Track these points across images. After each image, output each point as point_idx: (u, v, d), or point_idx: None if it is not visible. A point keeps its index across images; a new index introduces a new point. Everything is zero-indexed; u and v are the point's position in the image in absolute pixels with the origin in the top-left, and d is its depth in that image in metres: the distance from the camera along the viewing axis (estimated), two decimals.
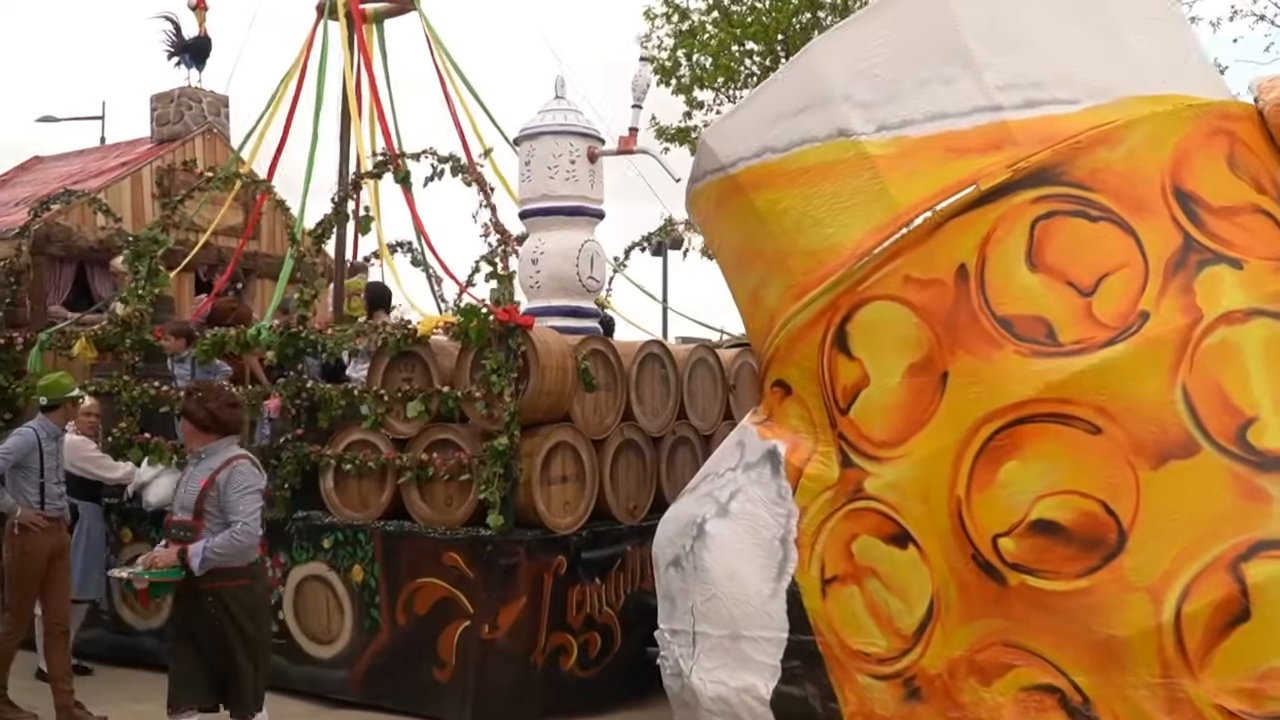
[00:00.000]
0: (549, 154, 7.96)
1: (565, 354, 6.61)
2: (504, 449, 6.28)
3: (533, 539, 6.44)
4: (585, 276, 7.93)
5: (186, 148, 11.61)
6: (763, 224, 5.50)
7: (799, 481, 5.25)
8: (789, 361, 5.42)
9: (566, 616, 6.53)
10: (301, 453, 7.13)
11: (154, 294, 8.11)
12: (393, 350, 6.89)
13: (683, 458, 7.74)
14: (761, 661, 5.22)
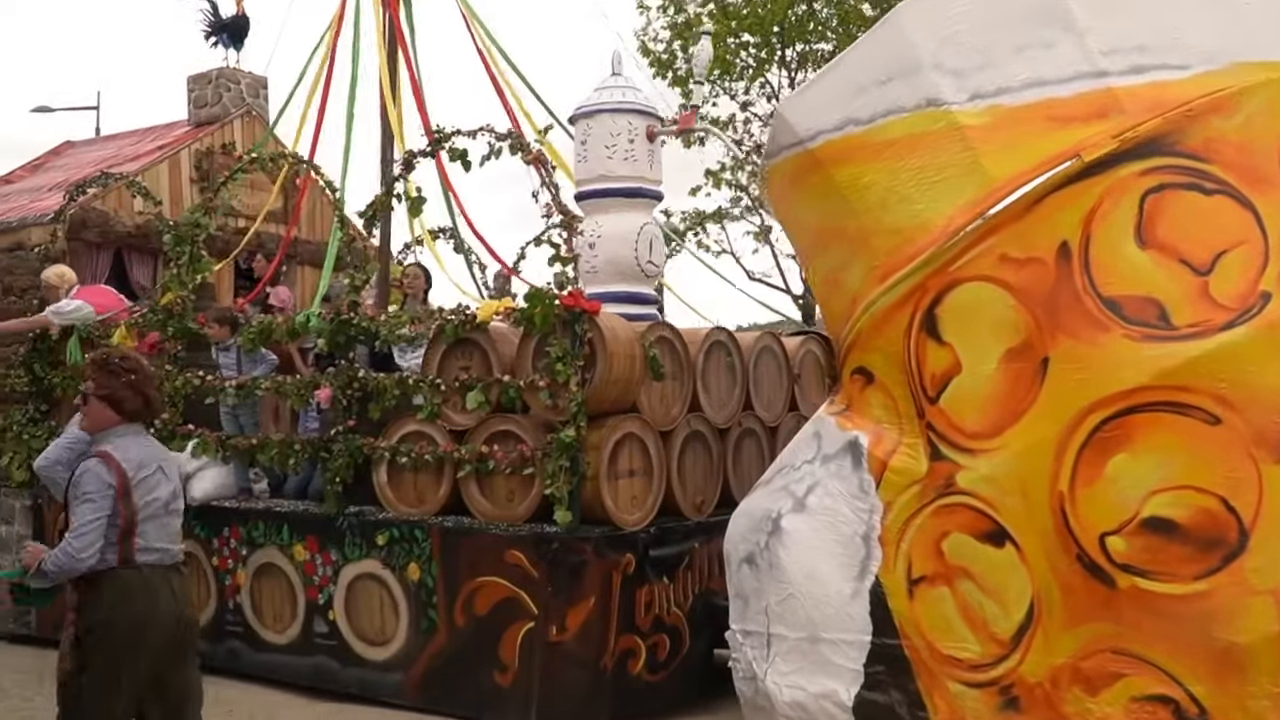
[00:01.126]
0: (606, 133, 7.83)
1: (632, 341, 6.46)
2: (571, 441, 6.14)
3: (601, 536, 6.30)
4: (644, 261, 7.79)
5: (225, 130, 11.56)
6: (844, 201, 5.32)
7: (883, 475, 5.07)
8: (871, 347, 5.25)
9: (635, 618, 6.38)
10: (353, 445, 7.03)
11: (196, 281, 8.04)
12: (450, 337, 6.77)
13: (749, 450, 7.59)
14: (842, 666, 5.06)
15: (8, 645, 8.55)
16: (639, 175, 7.89)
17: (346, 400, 7.07)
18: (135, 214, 10.02)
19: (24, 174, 12.31)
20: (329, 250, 8.20)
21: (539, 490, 6.37)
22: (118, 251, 10.08)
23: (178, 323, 7.94)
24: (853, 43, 20.67)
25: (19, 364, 8.84)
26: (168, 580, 4.38)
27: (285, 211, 11.54)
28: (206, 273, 8.27)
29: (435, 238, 10.24)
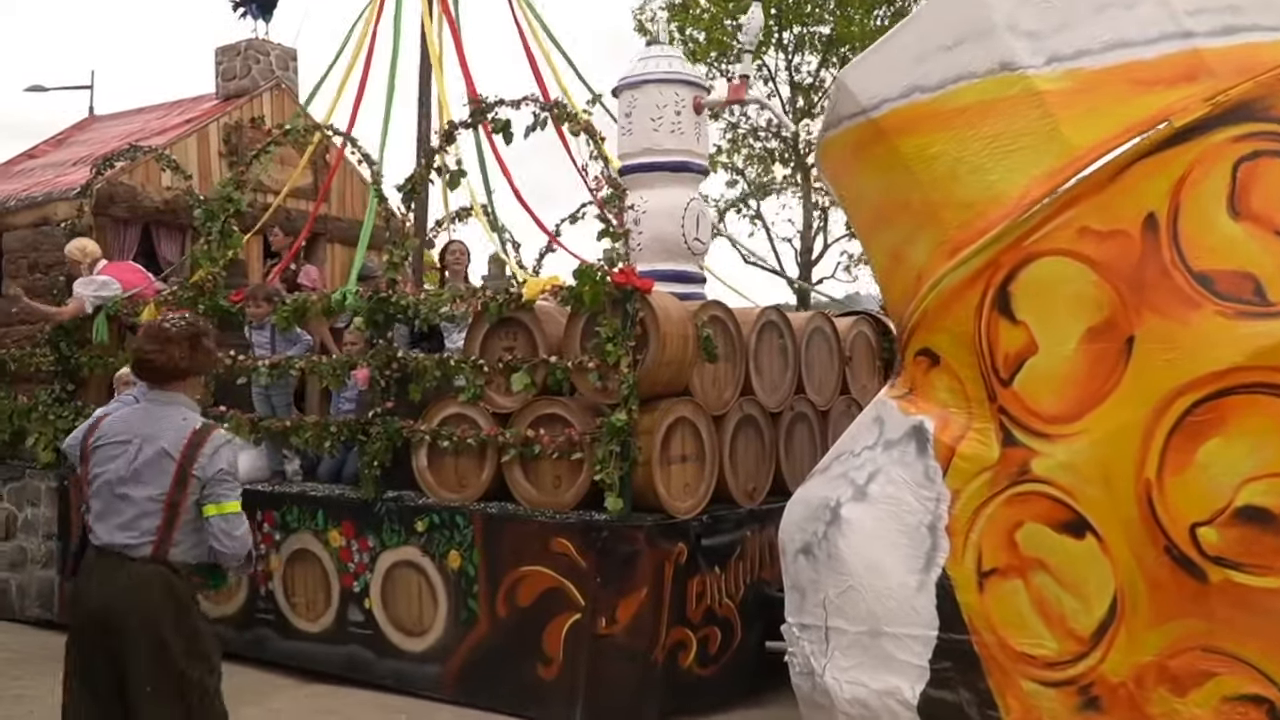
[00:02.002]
0: (652, 104, 7.70)
1: (685, 320, 6.32)
2: (622, 425, 6.01)
3: (654, 525, 6.16)
4: (690, 238, 7.65)
5: (254, 103, 11.46)
6: (910, 172, 5.16)
7: (951, 462, 4.90)
8: (938, 327, 5.08)
9: (686, 610, 6.25)
10: (392, 428, 6.93)
11: (227, 257, 7.94)
12: (493, 316, 6.64)
13: (801, 435, 7.45)
14: (906, 662, 4.91)
15: (33, 629, 8.54)
16: (686, 149, 7.75)
17: (385, 381, 6.96)
18: (163, 189, 9.94)
19: (48, 148, 12.28)
20: (365, 226, 8.07)
21: (587, 476, 6.24)
22: (145, 227, 10.00)
23: (208, 300, 7.86)
24: (852, 24, 20.64)
25: (45, 342, 8.80)
26: (102, 567, 4.10)
27: (314, 187, 11.46)
28: (237, 248, 8.17)
29: (466, 215, 10.12)
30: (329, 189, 10.84)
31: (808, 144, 21.35)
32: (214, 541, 4.07)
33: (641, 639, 6.07)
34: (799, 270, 21.72)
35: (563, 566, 6.21)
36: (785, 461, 7.21)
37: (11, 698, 6.79)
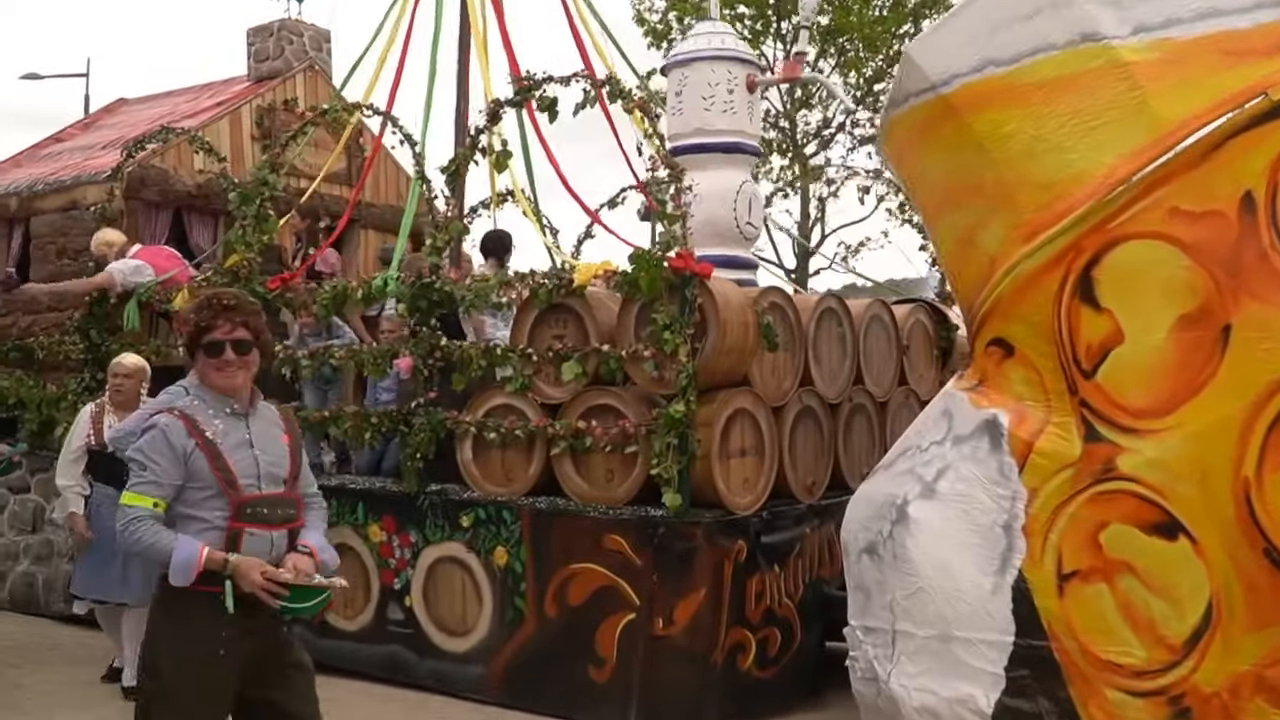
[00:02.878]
0: (704, 83, 7.57)
1: (745, 307, 6.17)
2: (681, 416, 5.86)
3: (713, 521, 6.02)
4: (743, 222, 7.52)
5: (287, 85, 11.40)
6: (982, 151, 4.98)
7: (1027, 458, 4.74)
8: (1013, 315, 4.91)
9: (745, 610, 6.11)
10: (436, 419, 6.81)
11: (262, 242, 7.85)
12: (542, 303, 6.50)
13: (859, 428, 7.31)
14: (980, 669, 4.75)
15: (53, 623, 8.58)
16: (738, 129, 7.63)
17: (428, 370, 6.84)
18: (195, 172, 9.89)
19: (75, 132, 12.28)
20: (407, 211, 7.95)
21: (642, 470, 6.11)
22: (176, 211, 9.97)
23: (244, 286, 7.74)
24: (850, 14, 20.40)
25: (74, 330, 8.74)
26: None
27: (348, 172, 11.39)
28: (273, 234, 8.07)
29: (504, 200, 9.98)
30: (368, 173, 10.73)
31: (805, 134, 21.79)
32: None
33: (700, 640, 5.93)
34: (795, 261, 21.65)
35: (616, 564, 6.08)
36: (844, 455, 7.06)
37: (11, 685, 6.87)
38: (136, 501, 3.72)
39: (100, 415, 6.89)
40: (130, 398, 6.83)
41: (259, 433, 3.89)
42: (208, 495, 3.75)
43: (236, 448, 3.80)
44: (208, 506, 3.74)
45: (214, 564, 3.65)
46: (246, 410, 3.89)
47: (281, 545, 3.83)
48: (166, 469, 3.72)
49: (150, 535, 3.69)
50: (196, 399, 3.87)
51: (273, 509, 3.83)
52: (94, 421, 6.89)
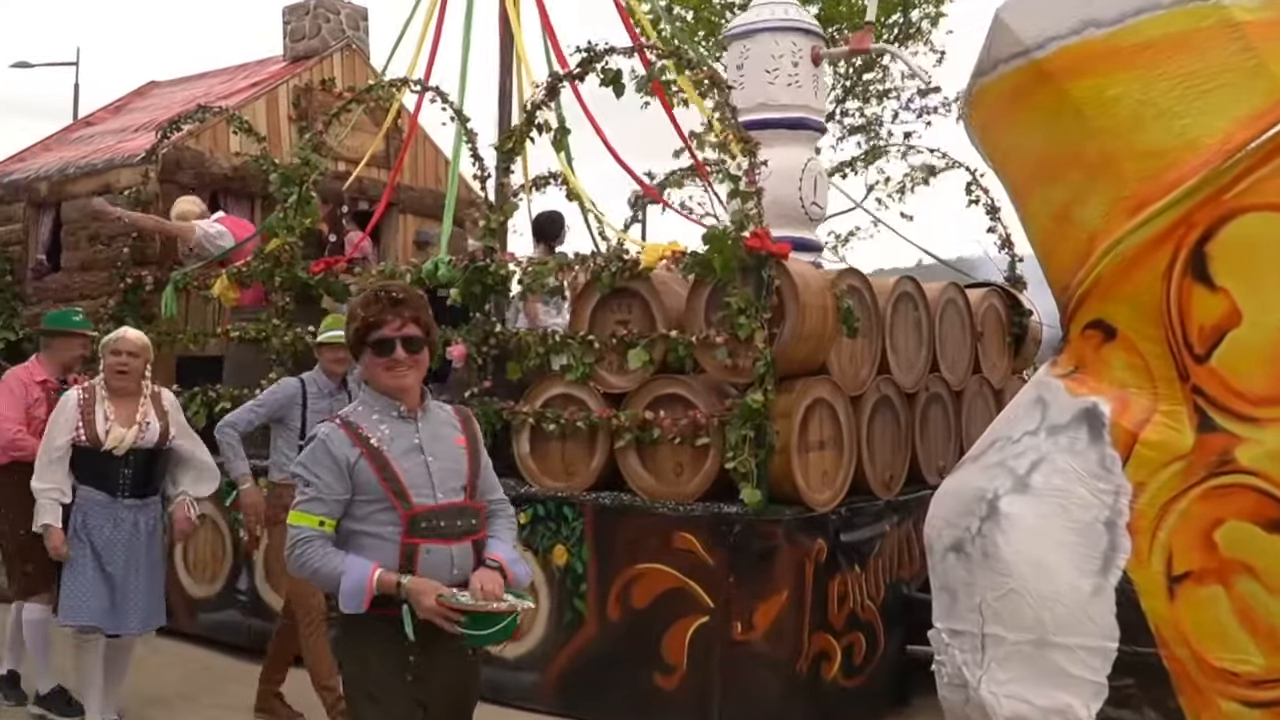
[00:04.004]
0: (767, 55, 7.41)
1: (824, 290, 5.98)
2: (759, 407, 5.66)
3: (793, 519, 5.82)
4: (809, 202, 7.33)
5: (324, 65, 11.28)
6: (1083, 119, 4.79)
7: (1132, 450, 4.54)
8: (1115, 296, 4.72)
9: (828, 613, 5.91)
10: (491, 410, 6.64)
11: (305, 225, 7.72)
12: (605, 287, 6.32)
13: (935, 418, 7.13)
14: (1079, 676, 4.57)
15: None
16: (803, 103, 7.45)
17: (482, 359, 6.68)
18: (231, 154, 9.78)
19: (105, 115, 12.22)
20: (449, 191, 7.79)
21: (714, 464, 5.92)
22: (213, 196, 9.84)
23: (285, 272, 7.64)
24: (840, 4, 20.17)
25: (109, 318, 8.65)
26: None
27: (386, 155, 11.26)
28: (315, 218, 7.94)
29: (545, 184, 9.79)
30: (405, 155, 10.59)
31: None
32: None
33: (784, 647, 5.74)
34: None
35: (686, 564, 5.89)
36: (920, 447, 6.87)
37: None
38: (302, 521, 3.51)
39: (91, 404, 5.89)
40: (135, 381, 5.99)
41: (430, 436, 3.63)
42: (378, 508, 3.51)
43: (405, 454, 3.55)
44: (378, 521, 3.51)
45: (386, 587, 3.40)
46: (416, 412, 3.64)
47: (465, 561, 3.57)
48: (330, 483, 3.49)
49: (318, 558, 3.47)
50: (360, 402, 3.66)
51: (450, 520, 3.57)
52: (83, 412, 5.87)
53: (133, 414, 5.92)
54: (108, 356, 5.99)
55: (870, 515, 6.35)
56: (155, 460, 6.02)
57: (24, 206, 10.09)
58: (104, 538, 5.84)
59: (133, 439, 5.86)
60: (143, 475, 5.96)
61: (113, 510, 5.87)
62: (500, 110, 8.93)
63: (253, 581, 7.64)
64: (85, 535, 5.84)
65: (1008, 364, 8.21)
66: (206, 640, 7.64)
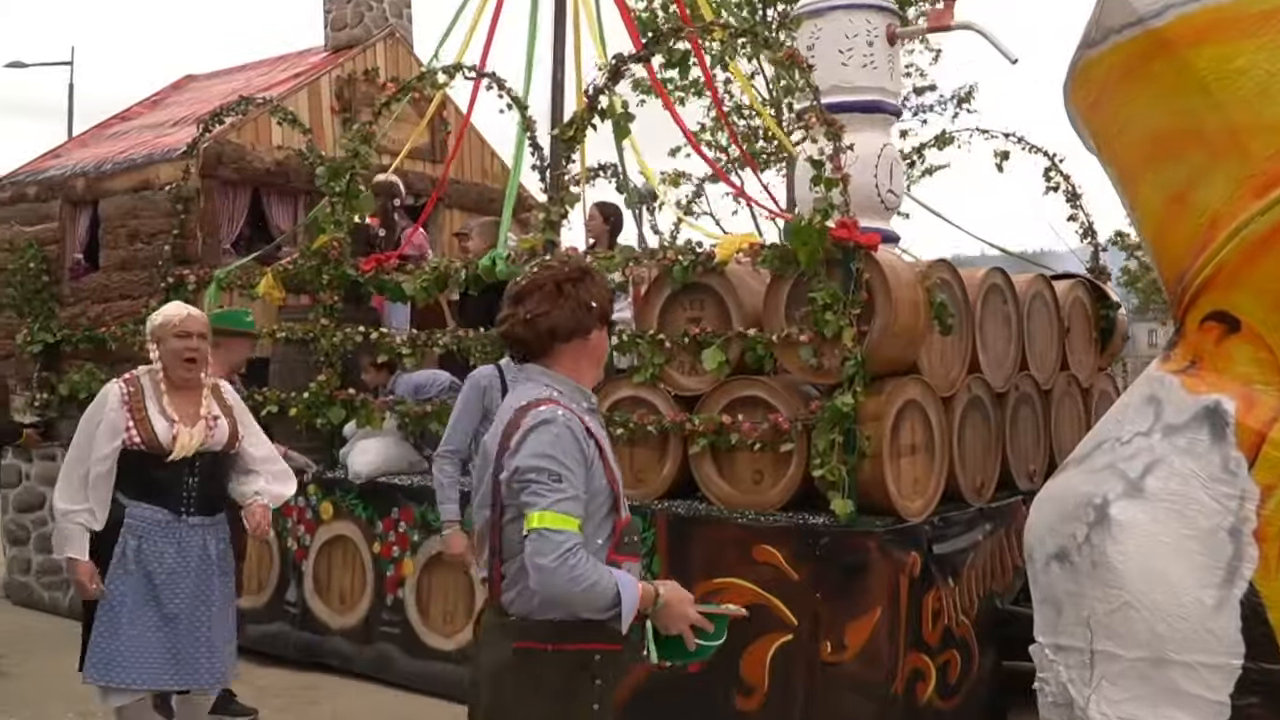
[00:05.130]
0: (840, 34, 7.18)
1: (914, 283, 5.73)
2: (849, 410, 5.42)
3: (886, 530, 5.57)
4: (884, 190, 7.09)
5: (367, 55, 11.14)
6: (1205, 93, 4.56)
7: (1260, 451, 4.33)
8: (1240, 284, 4.51)
9: (922, 631, 5.66)
10: None
11: (353, 220, 7.55)
12: (677, 282, 6.10)
13: (1025, 419, 6.88)
14: (1199, 696, 4.36)
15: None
16: (878, 85, 7.22)
17: None
18: (274, 148, 9.64)
19: (142, 110, 12.14)
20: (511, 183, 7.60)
21: (798, 471, 5.69)
22: (254, 191, 9.72)
23: (334, 269, 7.47)
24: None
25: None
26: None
27: (431, 148, 11.12)
28: (365, 211, 7.78)
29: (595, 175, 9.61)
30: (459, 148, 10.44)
31: (789, 121, 21.63)
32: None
33: (878, 669, 5.46)
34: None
35: (768, 579, 5.64)
36: (1011, 451, 6.61)
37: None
38: (565, 525, 2.92)
39: (140, 400, 4.92)
40: (201, 369, 5.07)
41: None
42: (601, 516, 3.09)
43: (610, 454, 3.19)
44: (599, 531, 3.08)
45: (646, 601, 3.01)
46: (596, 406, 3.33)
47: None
48: (581, 479, 3.02)
49: (592, 570, 2.93)
50: (550, 388, 3.17)
51: (632, 532, 3.25)
52: (131, 410, 4.88)
53: (195, 410, 4.97)
54: (170, 340, 4.98)
55: (962, 524, 6.09)
56: (221, 467, 5.11)
57: (60, 204, 10.00)
58: (166, 567, 4.84)
59: (200, 440, 4.90)
60: (210, 486, 5.03)
61: (176, 532, 4.89)
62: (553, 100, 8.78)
63: (302, 593, 7.48)
64: (139, 565, 4.81)
65: (1094, 360, 7.96)
66: (253, 653, 7.47)
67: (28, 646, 7.88)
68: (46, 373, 9.44)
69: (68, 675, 6.00)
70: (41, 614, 9.08)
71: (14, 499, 9.62)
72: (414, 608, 7.08)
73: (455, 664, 6.82)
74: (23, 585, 9.54)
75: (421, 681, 6.96)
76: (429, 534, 6.95)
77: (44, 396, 9.37)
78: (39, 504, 9.47)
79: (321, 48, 11.67)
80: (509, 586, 3.08)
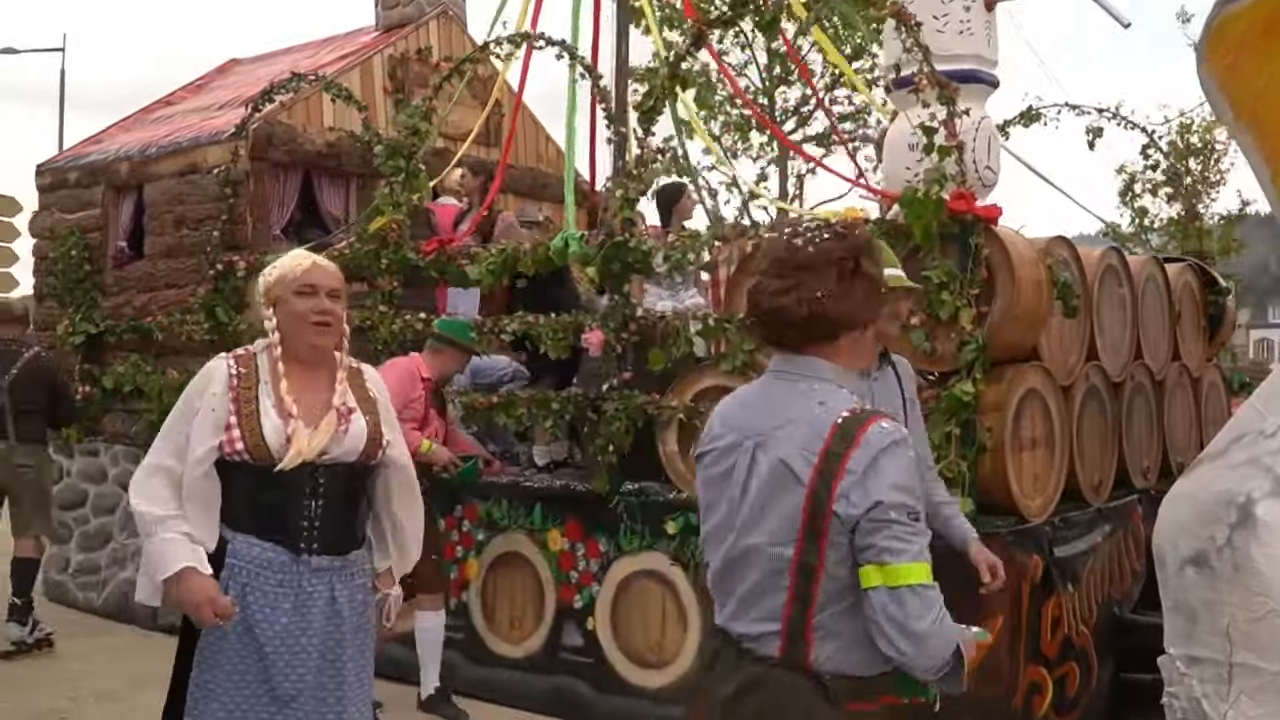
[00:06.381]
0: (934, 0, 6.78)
1: (1036, 261, 5.40)
2: (968, 399, 5.09)
3: (1009, 531, 5.24)
4: (982, 166, 6.72)
5: (419, 34, 10.93)
6: None
7: None
8: None
9: (1040, 642, 5.34)
10: (633, 405, 6.19)
11: (413, 202, 7.32)
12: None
13: (1139, 412, 6.54)
14: None
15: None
16: (975, 54, 6.83)
17: (621, 346, 6.21)
18: (325, 130, 9.42)
19: (185, 95, 11.99)
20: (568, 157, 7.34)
21: None
22: (305, 175, 9.51)
23: (393, 253, 7.23)
24: None
25: (198, 307, 8.36)
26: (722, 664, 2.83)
27: (485, 130, 10.91)
28: (424, 192, 7.55)
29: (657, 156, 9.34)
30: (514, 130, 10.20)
31: (784, 111, 22.72)
32: (875, 633, 2.55)
33: (996, 684, 5.14)
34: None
35: None
36: (1127, 445, 6.28)
37: None
38: (928, 577, 2.60)
39: (249, 389, 3.62)
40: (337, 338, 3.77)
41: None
42: None
43: None
44: None
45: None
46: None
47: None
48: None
49: (950, 627, 2.62)
50: (843, 387, 2.71)
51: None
52: (237, 402, 3.58)
53: (324, 401, 3.67)
54: (291, 300, 3.66)
55: (1082, 525, 5.78)
56: (357, 485, 3.78)
57: (103, 190, 9.82)
58: (278, 631, 3.54)
59: (324, 441, 3.58)
60: (342, 511, 3.70)
61: (294, 578, 3.58)
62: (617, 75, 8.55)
63: None
64: (242, 626, 3.53)
65: (1203, 349, 7.64)
66: None
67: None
68: (89, 365, 9.28)
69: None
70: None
71: (55, 496, 9.48)
72: (478, 612, 6.85)
73: (523, 672, 6.61)
74: (58, 584, 9.40)
75: (486, 689, 6.73)
76: (495, 533, 6.72)
77: (86, 390, 9.21)
78: (81, 501, 9.33)
79: (372, 27, 11.48)
80: (824, 639, 2.60)
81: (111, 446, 9.17)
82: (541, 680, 6.56)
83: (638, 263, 6.22)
